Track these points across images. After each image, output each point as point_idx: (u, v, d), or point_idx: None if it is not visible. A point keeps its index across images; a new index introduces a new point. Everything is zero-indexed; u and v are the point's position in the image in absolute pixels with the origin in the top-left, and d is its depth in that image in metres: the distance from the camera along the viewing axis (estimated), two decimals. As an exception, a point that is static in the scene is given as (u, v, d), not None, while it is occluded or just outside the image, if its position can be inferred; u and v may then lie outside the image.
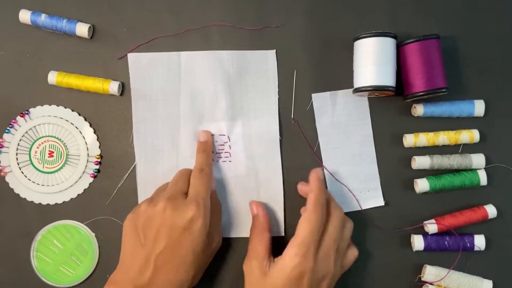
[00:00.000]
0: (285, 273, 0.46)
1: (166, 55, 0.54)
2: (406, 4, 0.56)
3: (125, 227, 0.48)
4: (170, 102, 0.54)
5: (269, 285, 0.46)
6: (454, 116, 0.55)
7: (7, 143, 0.55)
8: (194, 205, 0.46)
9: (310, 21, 0.55)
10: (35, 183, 0.55)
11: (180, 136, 0.54)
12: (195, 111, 0.54)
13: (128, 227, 0.48)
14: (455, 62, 0.55)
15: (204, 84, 0.54)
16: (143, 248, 0.46)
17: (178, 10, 0.55)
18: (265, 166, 0.54)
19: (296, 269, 0.45)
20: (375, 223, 0.55)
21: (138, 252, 0.46)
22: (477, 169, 0.54)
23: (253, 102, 0.54)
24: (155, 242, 0.45)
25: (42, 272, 0.54)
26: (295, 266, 0.45)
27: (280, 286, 0.46)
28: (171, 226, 0.45)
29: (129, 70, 0.54)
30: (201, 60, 0.54)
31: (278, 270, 0.46)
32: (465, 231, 0.54)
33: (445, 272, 0.53)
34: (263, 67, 0.54)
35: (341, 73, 0.55)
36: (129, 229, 0.48)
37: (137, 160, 0.54)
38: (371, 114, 0.55)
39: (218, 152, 0.54)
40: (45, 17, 0.54)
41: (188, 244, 0.46)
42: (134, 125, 0.54)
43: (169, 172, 0.53)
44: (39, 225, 0.55)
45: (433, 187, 0.53)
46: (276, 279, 0.46)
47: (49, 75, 0.54)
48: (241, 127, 0.54)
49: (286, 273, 0.46)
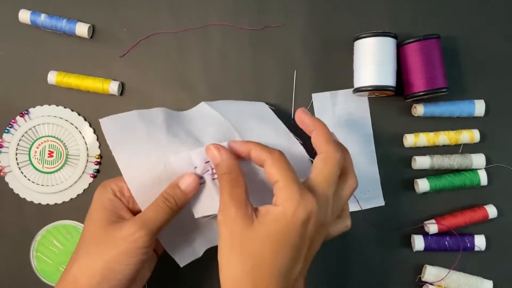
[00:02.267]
0: (284, 220, 0.37)
1: (137, 113, 0.47)
2: (406, 4, 0.56)
3: None
4: (156, 156, 0.44)
5: (261, 235, 0.37)
6: (454, 116, 0.55)
7: (6, 143, 0.55)
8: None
9: (310, 21, 0.55)
10: (34, 183, 0.55)
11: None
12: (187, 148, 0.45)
13: None
14: (455, 62, 0.55)
15: (193, 132, 0.47)
16: None
17: (178, 10, 0.55)
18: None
19: (301, 215, 0.37)
20: (375, 223, 0.55)
21: None
22: (478, 169, 0.54)
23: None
24: None
25: (41, 272, 0.54)
26: (298, 212, 0.37)
27: (278, 235, 0.37)
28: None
29: (105, 136, 0.44)
30: (181, 116, 0.49)
31: (273, 217, 0.37)
32: (465, 231, 0.54)
33: (446, 272, 0.53)
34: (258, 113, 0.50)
35: (341, 73, 0.55)
36: None
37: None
38: (371, 114, 0.55)
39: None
40: (45, 17, 0.54)
41: None
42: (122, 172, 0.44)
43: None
44: (39, 225, 0.55)
45: (433, 187, 0.53)
46: (272, 226, 0.37)
47: (49, 75, 0.54)
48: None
49: (287, 220, 0.37)
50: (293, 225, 0.37)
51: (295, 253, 0.38)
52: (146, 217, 0.41)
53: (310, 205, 0.37)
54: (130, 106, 0.55)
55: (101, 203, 0.43)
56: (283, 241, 0.38)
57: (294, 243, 0.38)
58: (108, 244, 0.41)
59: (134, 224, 0.41)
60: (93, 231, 0.42)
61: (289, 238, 0.38)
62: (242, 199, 0.39)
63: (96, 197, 0.44)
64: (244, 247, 0.38)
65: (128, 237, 0.40)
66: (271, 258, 0.37)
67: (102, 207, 0.43)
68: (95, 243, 0.41)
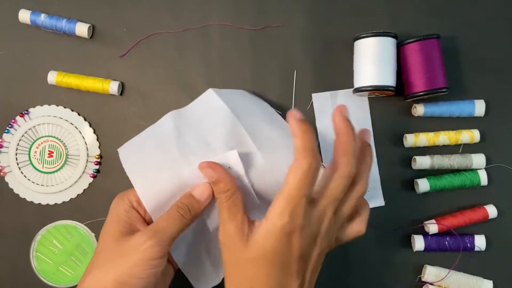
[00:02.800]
0: (273, 236, 0.38)
1: (151, 130, 0.48)
2: (406, 4, 0.56)
3: None
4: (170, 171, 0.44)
5: (255, 257, 0.39)
6: (454, 116, 0.55)
7: (6, 143, 0.55)
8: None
9: (310, 21, 0.55)
10: (34, 183, 0.55)
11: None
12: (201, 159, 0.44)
13: None
14: (455, 62, 0.55)
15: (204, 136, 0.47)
16: None
17: (178, 10, 0.55)
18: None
19: (285, 229, 0.37)
20: (375, 223, 0.55)
21: None
22: (478, 169, 0.54)
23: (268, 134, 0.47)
24: None
25: (41, 273, 0.54)
26: (283, 225, 0.37)
27: (269, 254, 0.38)
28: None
29: (123, 165, 0.46)
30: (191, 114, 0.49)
31: (263, 234, 0.38)
32: (465, 231, 0.54)
33: (446, 273, 0.53)
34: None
35: (341, 73, 0.55)
36: None
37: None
38: (371, 114, 0.55)
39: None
40: (45, 17, 0.54)
41: None
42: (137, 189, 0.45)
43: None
44: (38, 225, 0.55)
45: (433, 187, 0.53)
46: (263, 245, 0.38)
47: (49, 74, 0.54)
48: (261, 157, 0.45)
49: (275, 236, 0.38)
50: (278, 239, 0.38)
51: (285, 268, 0.39)
52: (157, 226, 0.42)
53: (296, 219, 0.38)
54: (130, 106, 0.55)
55: (116, 214, 0.43)
56: (273, 260, 0.39)
57: (282, 258, 0.39)
58: (119, 256, 0.41)
59: (144, 233, 0.41)
60: (107, 243, 0.42)
61: (279, 252, 0.38)
62: (239, 215, 0.40)
63: (113, 207, 0.44)
64: (241, 272, 0.40)
65: (138, 247, 0.40)
66: (267, 281, 0.39)
67: (117, 218, 0.43)
68: (108, 255, 0.41)
